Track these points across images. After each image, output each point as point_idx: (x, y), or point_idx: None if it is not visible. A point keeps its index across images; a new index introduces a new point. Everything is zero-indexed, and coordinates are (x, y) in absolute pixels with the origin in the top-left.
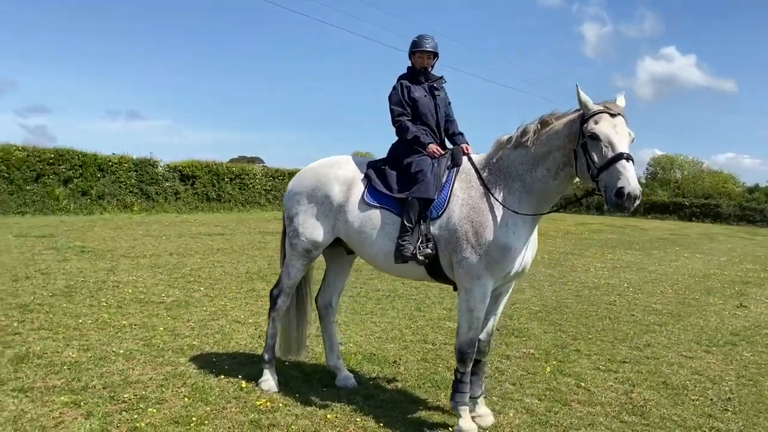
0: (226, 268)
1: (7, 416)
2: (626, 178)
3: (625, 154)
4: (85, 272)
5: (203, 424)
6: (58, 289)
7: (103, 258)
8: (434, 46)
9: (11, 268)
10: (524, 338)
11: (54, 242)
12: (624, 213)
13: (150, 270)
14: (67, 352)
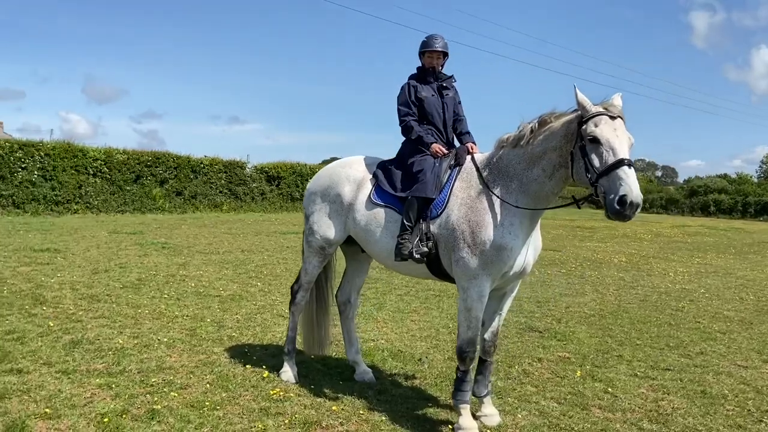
0: (288, 264)
1: (44, 394)
2: (629, 186)
3: (627, 161)
4: (159, 266)
5: (216, 409)
6: (130, 281)
7: (180, 254)
8: (444, 46)
9: (95, 261)
10: (565, 342)
11: (141, 239)
12: (624, 221)
13: (218, 265)
14: (117, 339)
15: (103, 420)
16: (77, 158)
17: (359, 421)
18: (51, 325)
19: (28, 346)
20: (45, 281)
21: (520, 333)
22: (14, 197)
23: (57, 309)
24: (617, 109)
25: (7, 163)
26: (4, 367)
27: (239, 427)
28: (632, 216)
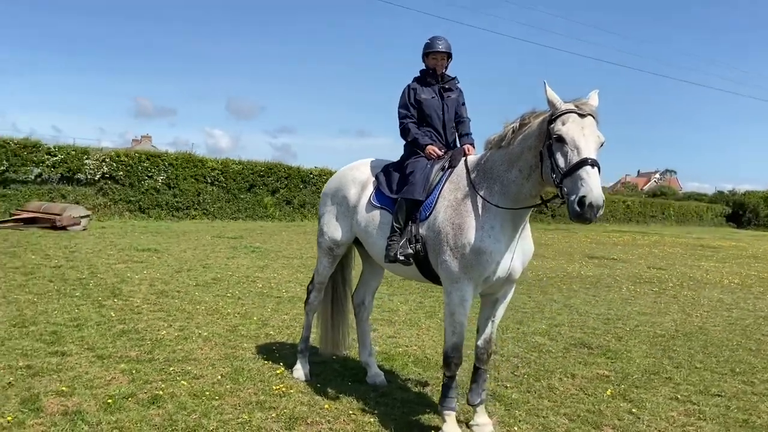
0: None
1: (71, 375)
2: (589, 186)
3: (590, 160)
4: (239, 268)
5: (215, 399)
6: (204, 280)
7: (265, 257)
8: (447, 47)
9: (184, 261)
10: (613, 360)
11: (238, 243)
12: (585, 223)
13: (294, 269)
14: (162, 331)
15: (108, 401)
16: (197, 168)
17: (347, 421)
18: (112, 315)
19: (81, 332)
20: (130, 277)
21: (566, 348)
22: (140, 203)
23: (126, 302)
24: (589, 107)
25: (136, 172)
26: (52, 349)
27: (227, 417)
28: (593, 218)
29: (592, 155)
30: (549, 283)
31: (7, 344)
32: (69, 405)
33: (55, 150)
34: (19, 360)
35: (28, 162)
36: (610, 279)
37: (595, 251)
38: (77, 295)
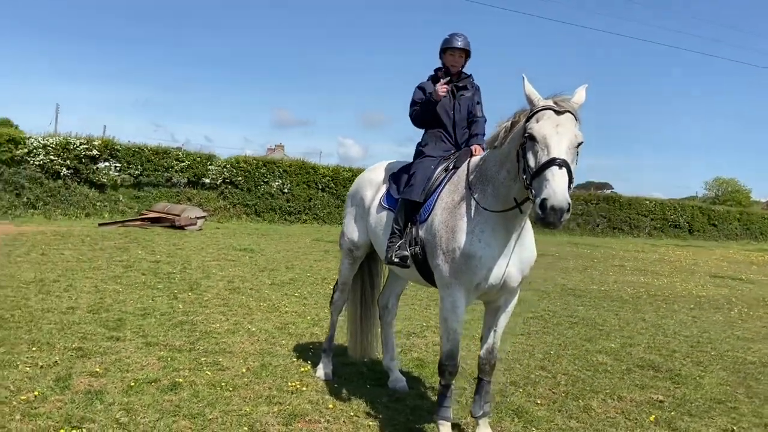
0: None
1: (113, 358)
2: (551, 189)
3: (558, 160)
4: (320, 270)
5: (228, 390)
6: (281, 280)
7: None
8: (465, 44)
9: (272, 261)
10: (677, 385)
11: (334, 246)
12: (550, 228)
13: None
14: (215, 324)
15: (131, 384)
16: (309, 174)
17: (346, 422)
18: (179, 307)
19: (143, 321)
20: (215, 273)
21: (629, 370)
22: (256, 206)
23: (198, 296)
24: (569, 103)
25: (253, 178)
26: (109, 334)
27: (231, 408)
28: (557, 223)
29: (562, 155)
30: (647, 301)
31: (74, 327)
32: (95, 385)
33: (183, 156)
34: (76, 342)
35: (159, 167)
36: (723, 300)
37: (723, 270)
38: (159, 288)
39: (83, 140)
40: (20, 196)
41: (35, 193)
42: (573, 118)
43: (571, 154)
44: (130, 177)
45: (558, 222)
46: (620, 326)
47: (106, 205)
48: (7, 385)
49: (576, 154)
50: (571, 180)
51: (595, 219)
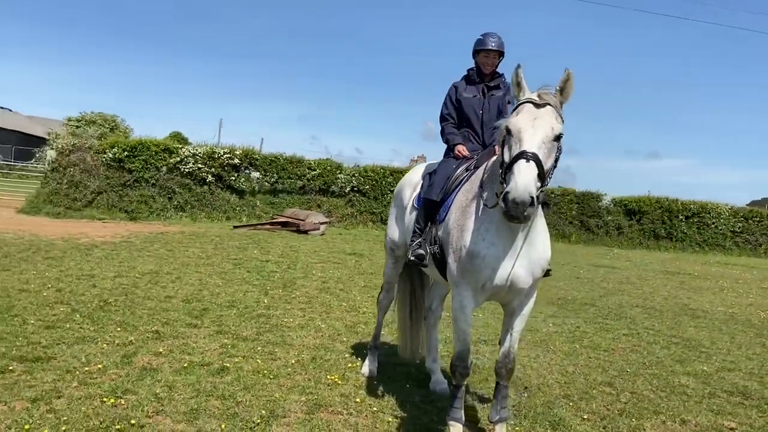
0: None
1: (181, 342)
2: (515, 182)
3: (528, 154)
4: None
5: (269, 377)
6: (375, 283)
7: None
8: (499, 45)
9: (377, 266)
10: (763, 413)
11: None
12: (515, 222)
13: None
14: (289, 319)
15: (185, 366)
16: None
17: (368, 415)
18: (264, 302)
19: (226, 312)
20: (314, 274)
21: (712, 394)
22: (382, 215)
23: (288, 293)
24: (550, 96)
25: (380, 186)
26: (189, 321)
27: (263, 394)
28: (521, 216)
29: (533, 149)
30: None
31: (162, 314)
32: (153, 364)
33: (315, 165)
34: (157, 326)
35: (293, 175)
36: None
37: None
38: (254, 284)
39: (226, 150)
40: (172, 199)
41: (184, 198)
42: (553, 111)
43: (546, 148)
44: (266, 184)
45: (521, 215)
46: (728, 350)
47: (245, 209)
48: (81, 357)
49: (555, 148)
50: (545, 174)
51: (757, 238)
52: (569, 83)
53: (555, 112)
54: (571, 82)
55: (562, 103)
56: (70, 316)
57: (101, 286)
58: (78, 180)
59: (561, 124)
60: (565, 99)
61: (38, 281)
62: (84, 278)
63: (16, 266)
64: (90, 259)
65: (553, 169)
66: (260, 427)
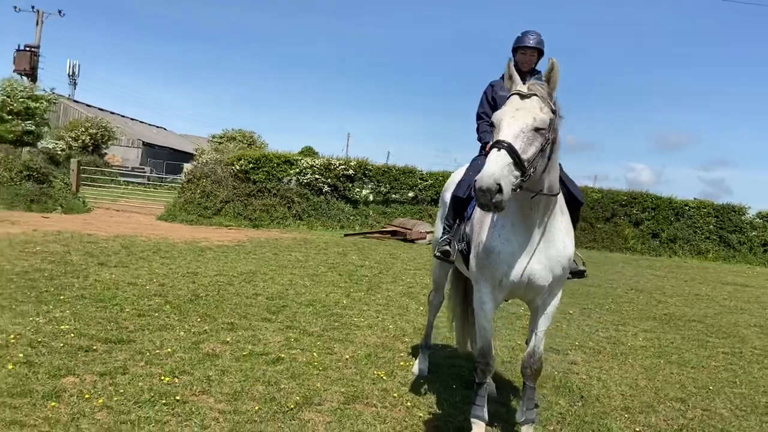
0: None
1: (249, 334)
2: (482, 171)
3: (503, 143)
4: None
5: (318, 369)
6: None
7: None
8: (537, 43)
9: None
10: None
11: None
12: (486, 210)
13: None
14: (361, 319)
15: (244, 354)
16: None
17: (401, 409)
18: (344, 302)
19: (302, 309)
20: (403, 279)
21: None
22: None
23: (370, 296)
24: (537, 87)
25: None
26: (265, 316)
27: (306, 382)
28: (488, 204)
29: (508, 138)
30: None
31: (243, 308)
32: (216, 351)
33: (426, 176)
34: (234, 319)
35: (405, 185)
36: None
37: None
38: (341, 286)
39: (342, 161)
40: (290, 208)
41: (302, 207)
42: (539, 102)
43: (525, 137)
44: (379, 194)
45: (489, 203)
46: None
47: (358, 218)
48: (156, 342)
49: (537, 138)
50: (523, 163)
51: None
52: (554, 72)
53: (541, 103)
54: (556, 71)
55: (551, 93)
56: (162, 307)
57: (199, 283)
58: (209, 190)
59: (549, 114)
60: (552, 89)
61: (147, 277)
62: (188, 275)
63: (134, 264)
64: (200, 259)
65: (540, 159)
66: (293, 412)
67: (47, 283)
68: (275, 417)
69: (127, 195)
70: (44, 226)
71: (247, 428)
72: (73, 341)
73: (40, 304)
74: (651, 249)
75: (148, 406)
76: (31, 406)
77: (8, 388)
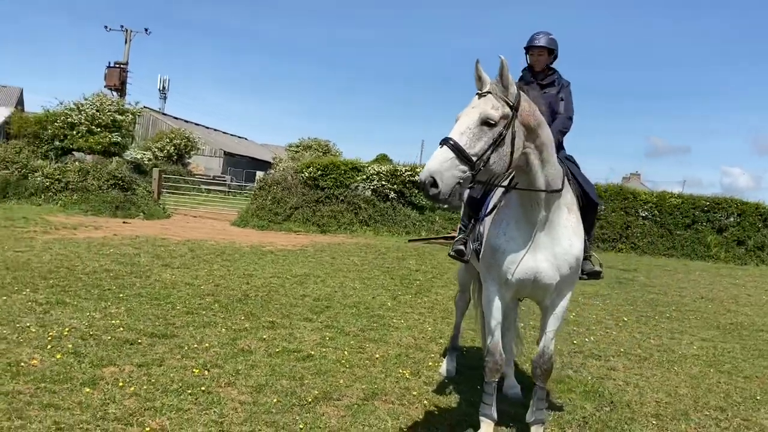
0: None
1: (286, 332)
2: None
3: (450, 140)
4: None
5: (345, 366)
6: None
7: (627, 286)
8: (547, 42)
9: None
10: None
11: (620, 274)
12: (434, 203)
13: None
14: (400, 321)
15: (277, 350)
16: (628, 200)
17: (418, 407)
18: (388, 305)
19: (345, 310)
20: (455, 284)
21: None
22: None
23: (415, 299)
24: (491, 84)
25: None
26: (307, 316)
27: (331, 378)
28: (428, 198)
29: (452, 135)
30: None
31: (287, 308)
32: (251, 347)
33: None
34: (276, 318)
35: None
36: None
37: None
38: (389, 289)
39: (408, 168)
40: (357, 214)
41: (369, 213)
42: (492, 98)
43: (471, 133)
44: None
45: (428, 197)
46: None
47: (424, 224)
48: (197, 337)
49: (486, 132)
50: (469, 158)
51: None
52: (503, 70)
53: (495, 99)
54: (505, 68)
55: (507, 90)
56: (211, 306)
57: (252, 284)
58: (280, 197)
59: (502, 109)
60: (506, 86)
61: (205, 277)
62: (243, 277)
63: (196, 266)
64: (259, 262)
65: (494, 154)
66: (310, 405)
67: (111, 282)
68: (292, 409)
69: (206, 202)
70: (124, 231)
71: (262, 419)
72: (121, 335)
73: (100, 301)
74: (736, 257)
75: (174, 395)
76: (68, 392)
77: (52, 375)
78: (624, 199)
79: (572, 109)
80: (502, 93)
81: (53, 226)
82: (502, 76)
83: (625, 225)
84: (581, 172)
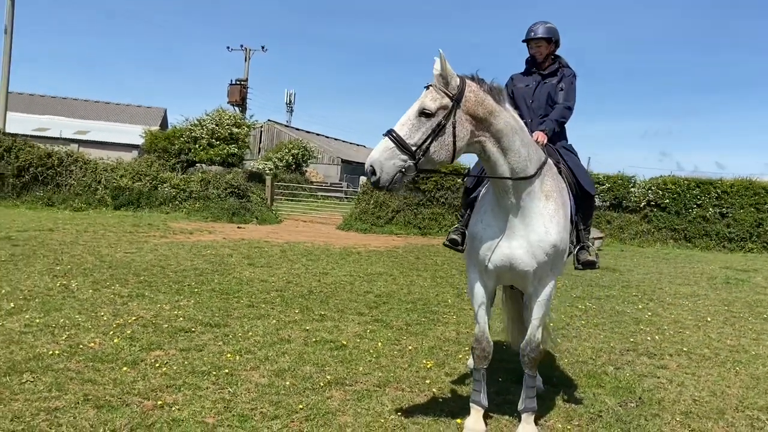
0: None
1: (332, 324)
2: None
3: (392, 132)
4: (612, 297)
5: (373, 356)
6: (571, 295)
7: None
8: (545, 32)
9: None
10: None
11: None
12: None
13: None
14: (445, 316)
15: (314, 340)
16: (758, 196)
17: (428, 395)
18: (448, 302)
19: (400, 306)
20: None
21: None
22: (686, 231)
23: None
24: (438, 77)
25: (683, 200)
26: (360, 310)
27: (353, 366)
28: (372, 184)
29: (396, 127)
30: None
31: (345, 303)
32: (291, 337)
33: (603, 179)
34: (328, 312)
35: None
36: None
37: None
38: (457, 287)
39: None
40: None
41: None
42: (433, 91)
43: (411, 124)
44: None
45: (371, 182)
46: None
47: None
48: (246, 327)
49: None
50: (408, 147)
51: None
52: (442, 62)
53: (434, 92)
54: (442, 60)
55: (447, 82)
56: (273, 300)
57: (323, 281)
58: (382, 201)
59: (441, 101)
60: (446, 77)
61: (282, 275)
62: (319, 275)
63: (280, 264)
64: (340, 261)
65: (434, 142)
66: (322, 389)
67: (194, 278)
68: (303, 392)
69: (319, 208)
70: (234, 235)
71: (269, 399)
72: (179, 324)
73: (175, 295)
74: None
75: (198, 375)
76: (109, 370)
77: (102, 356)
78: (754, 194)
79: (573, 98)
80: (442, 85)
81: (172, 231)
82: (441, 69)
83: (756, 223)
84: (578, 162)
